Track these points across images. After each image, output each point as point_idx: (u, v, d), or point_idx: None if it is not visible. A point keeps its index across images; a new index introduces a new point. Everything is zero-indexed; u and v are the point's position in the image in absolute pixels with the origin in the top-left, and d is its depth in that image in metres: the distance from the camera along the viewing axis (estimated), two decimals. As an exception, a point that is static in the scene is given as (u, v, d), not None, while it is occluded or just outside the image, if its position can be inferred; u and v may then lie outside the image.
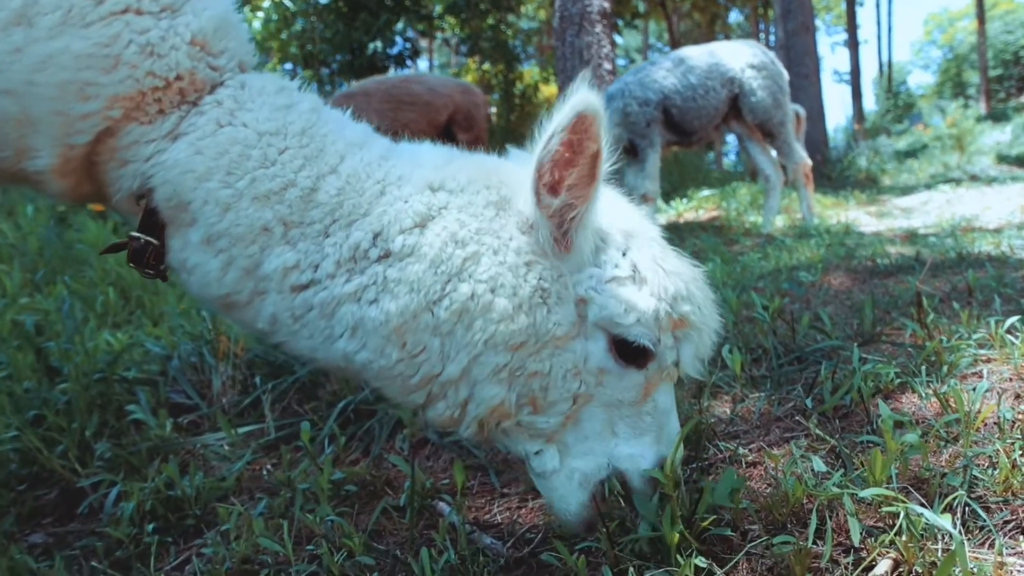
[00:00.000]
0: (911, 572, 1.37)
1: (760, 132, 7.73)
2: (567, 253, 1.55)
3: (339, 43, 17.07)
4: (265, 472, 2.61)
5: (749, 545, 1.53)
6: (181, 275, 1.65)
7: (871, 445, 1.83)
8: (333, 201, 1.57)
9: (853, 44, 38.16)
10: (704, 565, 1.48)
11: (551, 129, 1.45)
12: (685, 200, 11.26)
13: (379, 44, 16.85)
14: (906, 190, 11.62)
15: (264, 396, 2.97)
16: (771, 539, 1.49)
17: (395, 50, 17.42)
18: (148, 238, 1.61)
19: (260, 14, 17.52)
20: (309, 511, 2.08)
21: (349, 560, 1.77)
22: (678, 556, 1.44)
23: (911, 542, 1.40)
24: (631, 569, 1.45)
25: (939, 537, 1.44)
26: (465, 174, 1.62)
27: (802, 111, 13.35)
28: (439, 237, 1.53)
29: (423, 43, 27.02)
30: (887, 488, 1.52)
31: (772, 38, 28.80)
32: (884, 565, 1.40)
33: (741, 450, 2.06)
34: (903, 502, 1.43)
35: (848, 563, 1.45)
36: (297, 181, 1.56)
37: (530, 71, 24.79)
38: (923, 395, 2.14)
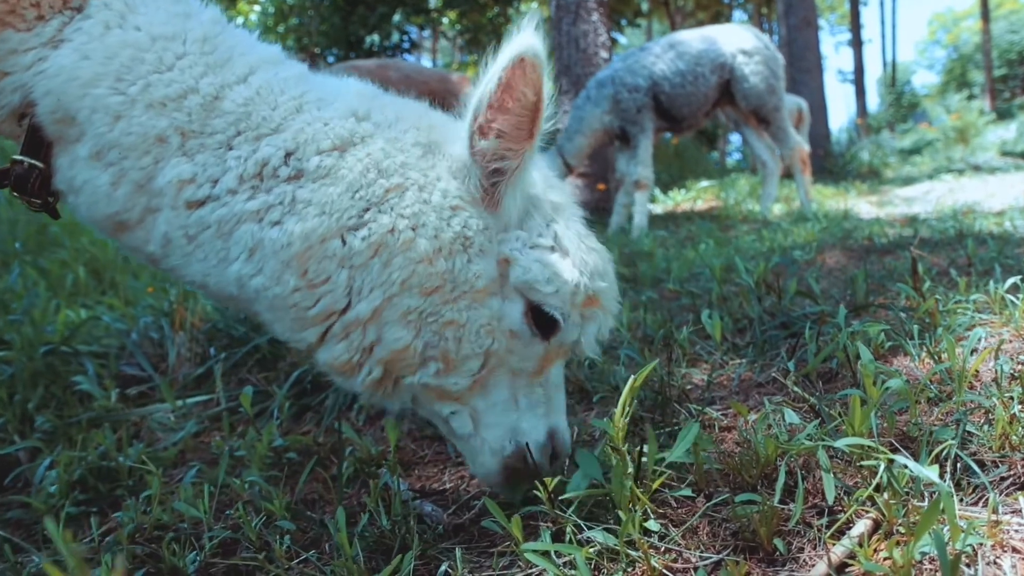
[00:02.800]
0: (893, 533, 1.19)
1: (754, 118, 7.52)
2: (495, 211, 1.49)
3: (336, 37, 16.90)
4: (214, 443, 2.45)
5: (708, 505, 1.35)
6: (69, 197, 1.49)
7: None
8: (240, 111, 1.43)
9: (857, 43, 37.89)
10: (657, 528, 1.30)
11: (491, 71, 1.38)
12: (683, 191, 11.08)
13: (376, 37, 16.67)
14: (908, 180, 11.40)
15: (216, 366, 2.79)
16: (733, 497, 1.31)
17: (392, 43, 17.23)
18: (32, 161, 1.46)
19: (257, 7, 17.38)
20: (243, 478, 1.91)
21: (269, 525, 1.59)
22: (624, 516, 1.25)
23: (893, 499, 1.21)
24: (568, 528, 1.27)
25: (926, 495, 1.26)
26: (394, 111, 1.54)
27: (804, 105, 13.17)
28: (361, 162, 1.43)
29: (427, 40, 26.82)
30: (869, 441, 1.33)
31: (776, 37, 28.59)
32: (862, 526, 1.22)
33: (714, 413, 1.88)
34: (884, 453, 1.24)
35: (821, 524, 1.26)
36: (199, 88, 1.42)
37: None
38: (915, 356, 1.96)
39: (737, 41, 7.34)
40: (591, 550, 1.26)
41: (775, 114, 7.40)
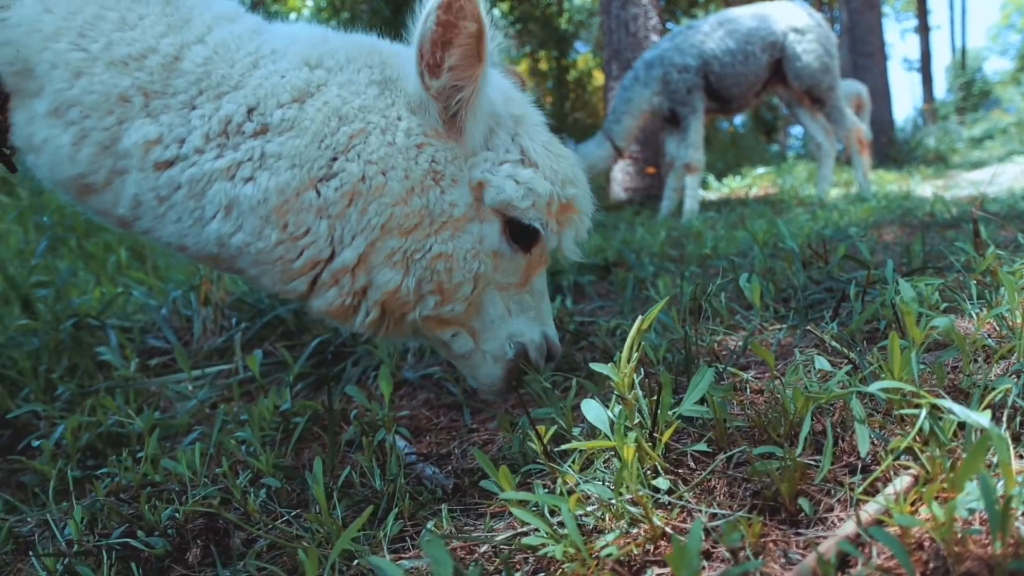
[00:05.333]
0: (937, 490, 1.02)
1: (808, 99, 7.20)
2: (459, 138, 1.52)
3: (387, 29, 16.96)
4: (222, 408, 2.38)
5: (721, 458, 1.20)
6: (29, 156, 1.46)
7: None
8: (199, 71, 1.42)
9: (923, 28, 36.53)
10: (666, 486, 1.16)
11: (427, 8, 1.39)
12: (738, 178, 10.76)
13: (427, 29, 16.67)
14: (977, 164, 10.87)
15: (236, 336, 2.73)
16: (751, 450, 1.16)
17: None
18: None
19: (310, 2, 17.56)
20: (242, 441, 1.83)
21: (255, 483, 1.50)
22: (618, 464, 1.11)
23: (937, 451, 1.05)
24: (560, 481, 1.14)
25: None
26: (343, 53, 1.54)
27: (864, 91, 12.66)
28: (320, 112, 1.44)
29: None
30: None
31: (837, 26, 27.72)
32: (900, 483, 1.05)
33: (746, 376, 1.71)
34: (926, 397, 1.07)
35: (854, 483, 1.10)
36: (159, 48, 1.41)
37: (585, 57, 24.27)
38: (973, 316, 1.76)
39: (789, 18, 7.03)
40: (589, 508, 1.12)
41: (830, 94, 7.07)
